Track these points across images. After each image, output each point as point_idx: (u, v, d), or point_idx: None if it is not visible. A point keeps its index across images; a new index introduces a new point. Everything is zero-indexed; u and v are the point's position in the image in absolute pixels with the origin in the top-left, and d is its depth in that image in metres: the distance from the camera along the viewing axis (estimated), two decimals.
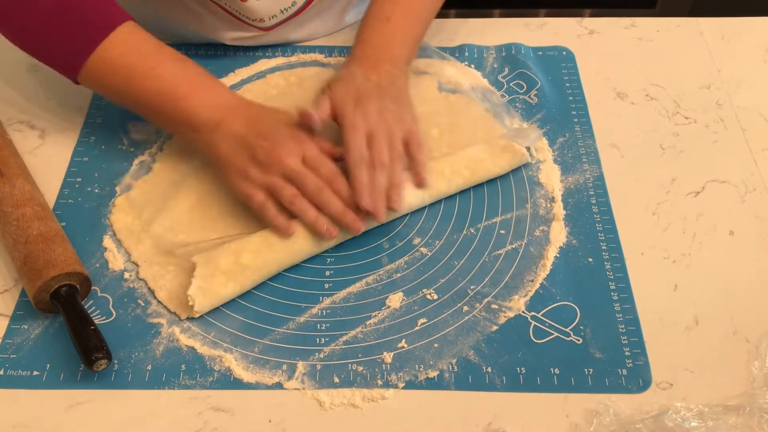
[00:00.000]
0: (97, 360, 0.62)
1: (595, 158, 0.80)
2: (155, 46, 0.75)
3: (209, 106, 0.73)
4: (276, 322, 0.67)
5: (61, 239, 0.69)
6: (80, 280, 0.67)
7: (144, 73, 0.73)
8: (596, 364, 0.65)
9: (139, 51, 0.74)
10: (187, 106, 0.73)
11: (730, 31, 0.95)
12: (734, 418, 0.61)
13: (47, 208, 0.72)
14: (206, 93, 0.74)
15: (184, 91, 0.73)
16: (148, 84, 0.73)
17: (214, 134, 0.72)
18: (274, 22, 0.87)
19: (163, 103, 0.73)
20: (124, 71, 0.73)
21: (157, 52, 0.75)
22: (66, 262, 0.66)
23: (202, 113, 0.73)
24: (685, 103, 0.86)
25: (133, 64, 0.73)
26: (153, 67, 0.73)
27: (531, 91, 0.87)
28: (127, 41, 0.73)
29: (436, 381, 0.64)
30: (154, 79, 0.73)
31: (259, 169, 0.70)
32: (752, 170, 0.80)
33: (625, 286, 0.70)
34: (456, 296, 0.69)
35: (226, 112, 0.73)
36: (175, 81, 0.74)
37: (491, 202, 0.77)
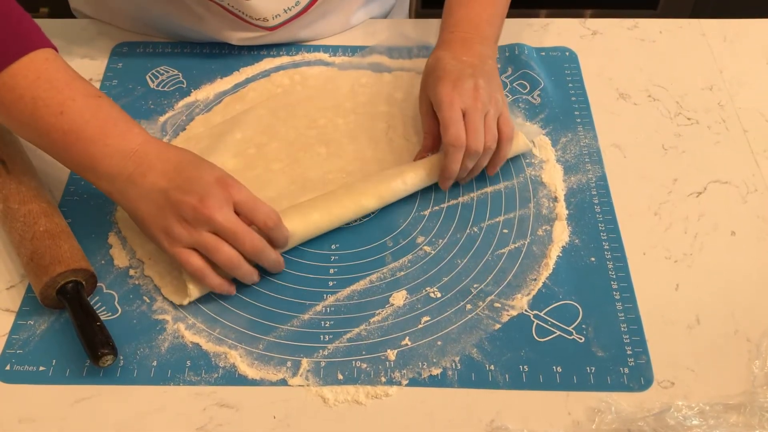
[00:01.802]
0: (103, 355, 0.62)
1: (598, 158, 0.81)
2: (69, 79, 0.67)
3: (120, 153, 0.65)
4: (281, 319, 0.68)
5: (67, 236, 0.69)
6: (86, 277, 0.67)
7: (50, 107, 0.65)
8: (598, 362, 0.65)
9: (49, 82, 0.65)
10: (95, 152, 0.65)
11: (732, 33, 0.95)
12: (735, 416, 0.61)
13: (53, 204, 0.73)
14: (117, 137, 0.66)
15: (94, 134, 0.65)
16: (54, 121, 0.65)
17: (130, 188, 0.65)
18: (278, 22, 0.87)
19: (68, 145, 0.66)
20: (30, 103, 0.65)
21: (68, 86, 0.66)
22: (72, 259, 0.67)
23: (111, 161, 0.65)
24: (688, 103, 0.87)
25: (40, 96, 0.65)
26: (62, 102, 0.65)
27: (534, 91, 0.87)
28: (38, 69, 0.65)
29: (439, 378, 0.64)
30: (60, 116, 0.65)
31: (186, 228, 0.64)
32: (754, 171, 0.80)
33: (627, 286, 0.70)
34: (459, 294, 0.70)
35: (140, 161, 0.65)
36: (83, 121, 0.65)
37: (494, 201, 0.77)
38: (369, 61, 0.90)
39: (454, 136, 0.71)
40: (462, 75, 0.74)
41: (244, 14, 0.85)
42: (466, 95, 0.73)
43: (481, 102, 0.73)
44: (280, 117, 0.84)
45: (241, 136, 0.81)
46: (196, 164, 0.66)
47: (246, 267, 0.67)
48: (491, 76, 0.77)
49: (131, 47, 0.92)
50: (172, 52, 0.91)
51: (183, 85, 0.88)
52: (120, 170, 0.65)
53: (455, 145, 0.71)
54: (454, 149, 0.71)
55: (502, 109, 0.75)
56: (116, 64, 0.90)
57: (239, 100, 0.86)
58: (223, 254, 0.65)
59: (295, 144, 0.81)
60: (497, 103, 0.75)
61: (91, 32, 0.94)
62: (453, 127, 0.71)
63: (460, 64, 0.75)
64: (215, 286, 0.67)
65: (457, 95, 0.72)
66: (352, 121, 0.84)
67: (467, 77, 0.74)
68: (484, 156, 0.74)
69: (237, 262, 0.66)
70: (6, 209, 0.70)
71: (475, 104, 0.72)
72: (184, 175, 0.65)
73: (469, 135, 0.72)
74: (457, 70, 0.75)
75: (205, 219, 0.64)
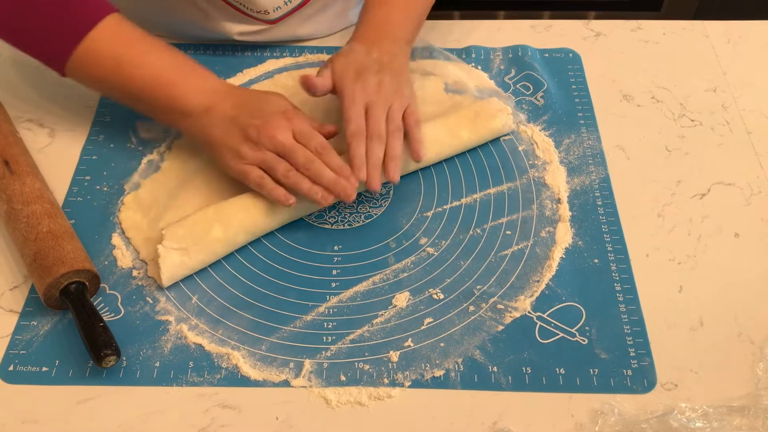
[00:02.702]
0: (106, 356, 0.62)
1: (601, 160, 0.81)
2: (141, 36, 0.76)
3: (199, 92, 0.74)
4: (283, 320, 0.68)
5: (70, 236, 0.69)
6: (89, 278, 0.67)
7: (131, 62, 0.74)
8: (601, 364, 0.65)
9: (125, 41, 0.75)
10: (177, 93, 0.74)
11: (735, 34, 0.95)
12: (739, 419, 0.61)
13: (57, 205, 0.73)
14: (195, 79, 0.75)
15: (173, 78, 0.74)
16: (136, 72, 0.74)
17: (205, 118, 0.73)
18: (279, 14, 0.88)
19: (152, 91, 0.74)
20: (112, 61, 0.74)
21: (143, 41, 0.76)
22: (75, 260, 0.67)
23: (193, 99, 0.74)
24: (691, 105, 0.87)
25: (120, 54, 0.74)
26: (140, 55, 0.74)
27: (537, 92, 0.87)
28: (113, 32, 0.74)
29: (442, 380, 0.64)
30: (141, 67, 0.74)
31: (251, 147, 0.72)
32: (758, 173, 0.80)
33: (631, 287, 0.70)
34: (462, 296, 0.70)
35: (216, 96, 0.74)
36: (163, 68, 0.75)
37: (497, 203, 0.77)
38: None
39: (354, 128, 0.74)
40: (368, 71, 0.77)
41: (245, 7, 0.86)
42: (370, 91, 0.75)
43: (384, 96, 0.75)
44: None
45: None
46: (263, 97, 0.76)
47: (302, 178, 0.71)
48: (400, 73, 0.79)
49: None
50: None
51: None
52: (199, 104, 0.74)
53: (355, 136, 0.74)
54: (356, 140, 0.74)
55: (409, 101, 0.77)
56: None
57: None
58: (282, 164, 0.71)
59: None
60: (402, 97, 0.77)
61: None
62: (353, 120, 0.74)
63: (370, 60, 0.78)
64: (274, 193, 0.71)
65: (360, 90, 0.75)
66: None
67: (373, 73, 0.77)
68: (391, 142, 0.74)
69: (293, 173, 0.71)
70: (9, 210, 0.71)
71: (377, 98, 0.75)
72: (252, 105, 0.74)
73: (369, 124, 0.74)
74: (366, 66, 0.77)
75: (267, 137, 0.71)
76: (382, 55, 0.78)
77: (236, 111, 0.73)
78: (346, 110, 0.74)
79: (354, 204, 0.77)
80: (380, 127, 0.74)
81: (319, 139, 0.73)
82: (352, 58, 0.78)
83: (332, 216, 0.76)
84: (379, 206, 0.77)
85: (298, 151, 0.72)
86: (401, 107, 0.76)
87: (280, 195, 0.71)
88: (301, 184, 0.71)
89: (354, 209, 0.77)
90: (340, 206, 0.77)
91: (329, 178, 0.71)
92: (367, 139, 0.74)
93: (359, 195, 0.78)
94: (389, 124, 0.75)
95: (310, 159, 0.72)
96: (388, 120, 0.75)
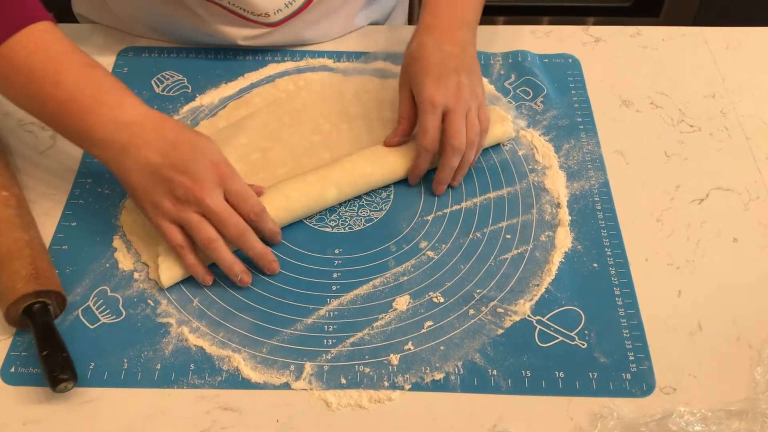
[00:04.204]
0: (61, 381, 0.60)
1: (601, 165, 0.81)
2: (65, 50, 0.68)
3: (114, 122, 0.66)
4: (284, 323, 0.68)
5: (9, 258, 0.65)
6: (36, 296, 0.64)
7: (45, 78, 0.67)
8: (600, 368, 0.65)
9: (45, 53, 0.67)
10: (90, 121, 0.66)
11: (734, 41, 0.96)
12: (737, 422, 0.62)
13: (11, 219, 0.69)
14: (111, 107, 0.67)
15: (87, 103, 0.67)
16: (49, 91, 0.67)
17: (124, 158, 0.67)
18: (280, 17, 0.87)
19: (64, 115, 0.67)
20: (27, 74, 0.67)
21: (64, 57, 0.68)
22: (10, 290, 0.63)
23: (107, 130, 0.66)
24: (690, 111, 0.87)
25: (36, 68, 0.67)
26: (57, 72, 0.67)
27: (537, 97, 0.88)
28: (36, 41, 0.67)
29: (442, 383, 0.65)
30: (56, 86, 0.67)
31: (174, 204, 0.66)
32: (756, 178, 0.80)
33: (630, 292, 0.70)
34: (462, 300, 0.70)
35: (134, 131, 0.67)
36: (78, 90, 0.67)
37: (497, 207, 0.77)
38: (373, 67, 0.91)
39: (429, 140, 0.74)
40: (445, 70, 0.75)
41: (245, 11, 0.85)
42: (450, 95, 0.74)
43: (464, 101, 0.75)
44: (285, 122, 0.84)
45: (246, 141, 0.82)
46: (193, 144, 0.68)
47: (225, 252, 0.68)
48: (472, 69, 0.78)
49: (137, 52, 0.92)
50: (177, 57, 0.92)
51: (188, 90, 0.88)
52: (114, 139, 0.66)
53: (428, 150, 0.74)
54: (427, 153, 0.75)
55: (482, 100, 0.78)
56: (121, 68, 0.90)
57: (244, 105, 0.86)
58: (205, 233, 0.66)
59: (299, 149, 0.81)
60: (478, 97, 0.77)
61: (96, 37, 0.94)
62: (430, 132, 0.74)
63: (444, 56, 0.76)
64: (190, 265, 0.68)
65: (441, 96, 0.74)
66: (356, 126, 0.84)
67: (450, 73, 0.75)
68: (469, 150, 0.76)
69: (217, 245, 0.67)
70: None
71: (457, 104, 0.74)
72: (181, 156, 0.66)
73: (451, 135, 0.74)
74: (441, 64, 0.75)
75: (195, 200, 0.65)
76: (453, 48, 0.77)
77: (159, 159, 0.66)
78: (425, 116, 0.74)
79: (355, 207, 0.77)
80: (460, 139, 0.74)
81: (254, 201, 0.68)
82: (425, 59, 0.76)
83: (333, 219, 0.76)
84: (379, 210, 0.77)
85: (230, 224, 0.66)
86: (478, 109, 0.76)
87: (198, 274, 0.68)
88: (224, 260, 0.68)
89: (355, 212, 0.77)
90: (340, 209, 0.77)
91: (257, 252, 0.69)
92: (444, 147, 0.74)
93: (360, 198, 0.78)
94: (469, 131, 0.75)
95: (242, 231, 0.67)
96: (468, 125, 0.75)
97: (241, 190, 0.68)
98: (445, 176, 0.76)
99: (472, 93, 0.76)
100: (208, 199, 0.66)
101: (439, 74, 0.75)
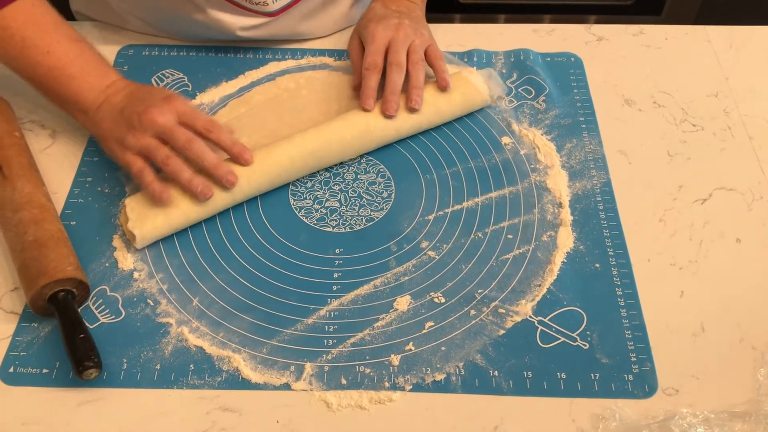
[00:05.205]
0: (86, 369, 0.62)
1: (603, 164, 0.81)
2: (55, 23, 0.76)
3: (96, 88, 0.75)
4: (284, 323, 0.68)
5: (56, 243, 0.68)
6: (75, 284, 0.66)
7: (37, 47, 0.74)
8: (603, 369, 0.65)
9: (37, 24, 0.75)
10: (76, 87, 0.75)
11: (738, 40, 0.95)
12: (740, 424, 0.61)
13: (48, 208, 0.71)
14: (95, 76, 0.76)
15: (74, 72, 0.75)
16: (40, 59, 0.74)
17: (98, 114, 0.74)
18: (279, 6, 0.88)
19: (53, 81, 0.75)
20: (20, 42, 0.74)
21: (55, 29, 0.76)
22: (57, 269, 0.65)
23: (89, 95, 0.75)
24: (693, 110, 0.87)
25: (28, 37, 0.74)
26: (48, 43, 0.75)
27: (539, 96, 0.87)
28: (28, 12, 0.75)
29: (443, 384, 0.64)
30: (47, 55, 0.74)
31: (134, 136, 0.71)
32: (759, 178, 0.80)
33: (632, 292, 0.70)
34: (463, 300, 0.70)
35: (110, 92, 0.75)
36: (67, 61, 0.75)
37: (499, 206, 0.77)
38: None
39: (369, 62, 0.80)
40: (389, 16, 0.83)
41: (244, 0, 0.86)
42: (390, 29, 0.81)
43: (404, 32, 0.81)
44: (285, 121, 0.84)
45: (246, 139, 0.81)
46: (150, 89, 0.76)
47: (182, 167, 0.71)
48: (418, 20, 0.86)
49: (137, 50, 0.92)
50: (177, 56, 0.91)
51: (188, 88, 0.88)
52: (93, 102, 0.75)
53: (369, 69, 0.79)
54: (368, 72, 0.79)
55: (430, 41, 0.83)
56: (122, 66, 0.90)
57: (244, 104, 0.86)
58: (162, 151, 0.71)
59: None
60: (423, 36, 0.83)
61: (96, 35, 0.94)
62: (371, 55, 0.80)
63: (389, 11, 0.85)
64: (148, 182, 0.71)
65: (381, 29, 0.81)
66: None
67: (393, 18, 0.83)
68: (414, 70, 0.80)
69: (173, 161, 0.71)
70: (2, 217, 0.70)
71: (397, 34, 0.81)
72: (138, 96, 0.74)
73: (391, 52, 0.80)
74: (386, 14, 0.84)
75: (149, 122, 0.71)
76: (400, 7, 0.85)
77: (124, 102, 0.74)
78: (366, 48, 0.80)
79: (355, 207, 0.77)
80: (401, 57, 0.79)
81: (205, 117, 0.73)
82: (371, 14, 0.85)
83: (334, 219, 0.76)
84: (380, 209, 0.77)
85: (177, 132, 0.71)
86: (422, 44, 0.82)
87: (155, 190, 0.71)
88: (180, 174, 0.71)
89: (355, 212, 0.77)
90: (341, 209, 0.77)
91: (210, 161, 0.72)
92: (387, 67, 0.79)
93: (360, 198, 0.78)
94: (411, 55, 0.80)
95: (189, 139, 0.71)
96: (410, 51, 0.80)
97: (192, 110, 0.73)
98: (389, 92, 0.78)
99: (416, 31, 0.82)
100: (159, 118, 0.71)
101: (381, 18, 0.83)
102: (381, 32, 0.81)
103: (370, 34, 0.81)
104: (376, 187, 0.79)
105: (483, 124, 0.85)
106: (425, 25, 0.86)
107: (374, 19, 0.83)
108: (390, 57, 0.79)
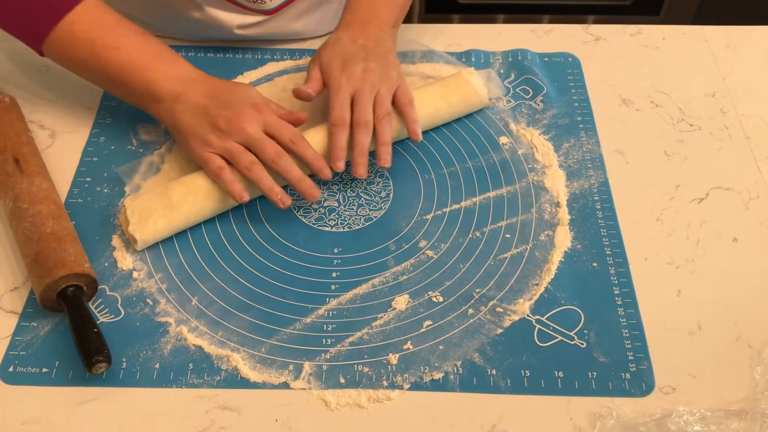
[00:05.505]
0: (96, 363, 0.62)
1: (600, 164, 0.81)
2: (117, 21, 0.77)
3: (171, 78, 0.75)
4: (283, 322, 0.68)
5: (72, 240, 0.69)
6: (87, 282, 0.67)
7: (106, 45, 0.75)
8: (600, 367, 0.65)
9: (102, 24, 0.76)
10: (150, 78, 0.75)
11: (735, 40, 0.96)
12: (736, 422, 0.61)
13: (62, 207, 0.73)
14: (168, 65, 0.76)
15: (146, 63, 0.76)
16: (111, 56, 0.75)
17: (176, 105, 0.75)
18: (276, 4, 0.88)
19: (125, 75, 0.76)
20: (88, 44, 0.75)
21: (118, 26, 0.77)
22: (76, 263, 0.67)
23: (165, 84, 0.75)
24: (690, 110, 0.87)
25: (95, 37, 0.75)
26: (116, 39, 0.76)
27: (537, 96, 0.88)
28: (90, 15, 0.76)
29: (441, 383, 0.64)
30: (117, 51, 0.75)
31: (218, 137, 0.73)
32: (756, 177, 0.80)
33: (629, 291, 0.70)
34: (461, 299, 0.70)
35: (187, 83, 0.75)
36: (137, 53, 0.76)
37: (497, 206, 0.77)
38: None
39: (336, 117, 0.75)
40: (354, 59, 0.78)
41: None
42: (355, 79, 0.77)
43: (370, 83, 0.76)
44: None
45: None
46: (233, 88, 0.76)
47: (265, 174, 0.72)
48: (385, 58, 0.80)
49: None
50: None
51: None
52: (170, 91, 0.75)
53: (337, 125, 0.75)
54: (337, 129, 0.75)
55: (399, 83, 0.79)
56: None
57: None
58: (246, 157, 0.72)
59: None
60: (390, 81, 0.78)
61: None
62: (337, 109, 0.75)
63: (356, 48, 0.79)
64: (228, 181, 0.72)
65: (345, 79, 0.77)
66: None
67: (359, 61, 0.78)
68: (381, 127, 0.75)
69: (257, 167, 0.72)
70: (15, 208, 0.71)
71: (363, 85, 0.76)
72: (223, 96, 0.75)
73: (357, 112, 0.75)
74: (351, 54, 0.79)
75: (237, 129, 0.72)
76: (367, 41, 0.80)
77: (207, 101, 0.74)
78: (331, 100, 0.76)
79: (354, 207, 0.77)
80: (366, 114, 0.75)
81: (291, 130, 0.74)
82: (338, 48, 0.79)
83: (332, 219, 0.76)
84: (378, 209, 0.77)
85: (266, 144, 0.72)
86: (389, 91, 0.78)
87: (235, 190, 0.72)
88: (262, 181, 0.72)
89: (354, 212, 0.77)
90: (339, 209, 0.77)
91: (296, 175, 0.73)
92: (353, 126, 0.75)
93: (359, 198, 0.78)
94: (377, 110, 0.76)
95: (279, 153, 0.72)
96: (376, 106, 0.76)
97: (279, 122, 0.74)
98: (357, 153, 0.75)
99: (383, 77, 0.78)
100: (249, 128, 0.72)
101: (346, 61, 0.78)
102: (345, 83, 0.76)
103: (334, 82, 0.77)
104: (375, 187, 0.79)
105: (481, 123, 0.85)
106: (394, 62, 0.81)
107: (338, 58, 0.78)
108: (355, 115, 0.75)
